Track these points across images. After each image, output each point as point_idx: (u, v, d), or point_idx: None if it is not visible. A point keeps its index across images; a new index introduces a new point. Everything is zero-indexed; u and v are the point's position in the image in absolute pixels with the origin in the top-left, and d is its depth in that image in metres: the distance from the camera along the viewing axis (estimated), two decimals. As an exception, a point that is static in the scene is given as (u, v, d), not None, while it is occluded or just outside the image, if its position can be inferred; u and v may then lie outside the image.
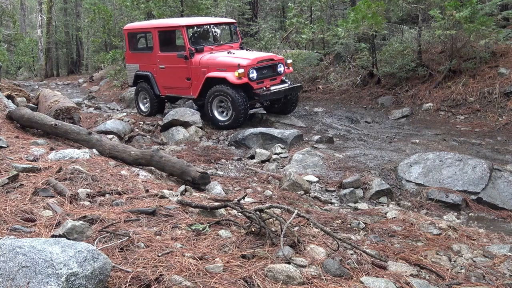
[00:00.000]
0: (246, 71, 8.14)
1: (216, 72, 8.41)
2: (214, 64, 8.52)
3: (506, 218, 4.93)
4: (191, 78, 8.85)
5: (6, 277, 2.02)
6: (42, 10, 26.21)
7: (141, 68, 9.74)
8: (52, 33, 26.22)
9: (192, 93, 8.99)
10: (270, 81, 8.68)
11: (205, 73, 8.56)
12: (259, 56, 8.71)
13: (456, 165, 5.68)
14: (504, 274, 3.11)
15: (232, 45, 9.54)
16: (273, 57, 8.91)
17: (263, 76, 8.53)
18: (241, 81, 8.09)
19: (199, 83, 8.71)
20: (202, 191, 4.82)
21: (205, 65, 8.62)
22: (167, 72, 9.24)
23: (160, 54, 9.29)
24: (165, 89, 9.43)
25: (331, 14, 15.39)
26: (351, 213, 4.72)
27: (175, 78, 9.11)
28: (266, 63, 8.64)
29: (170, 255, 2.63)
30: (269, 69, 8.74)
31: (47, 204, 3.35)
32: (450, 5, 9.34)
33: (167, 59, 9.20)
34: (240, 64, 8.14)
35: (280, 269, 2.49)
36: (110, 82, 15.64)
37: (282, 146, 7.03)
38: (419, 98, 10.07)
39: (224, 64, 8.43)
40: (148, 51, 9.76)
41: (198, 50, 8.80)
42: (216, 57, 8.69)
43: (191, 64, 8.78)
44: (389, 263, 2.97)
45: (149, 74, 9.57)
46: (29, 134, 6.14)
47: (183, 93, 9.28)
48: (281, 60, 8.96)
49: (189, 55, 8.72)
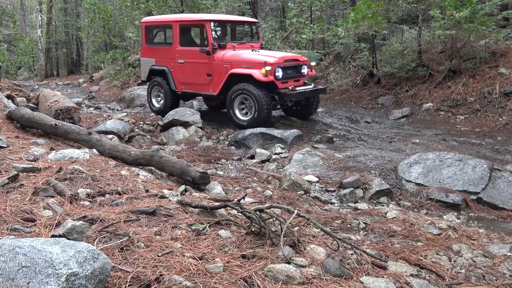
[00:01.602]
0: (273, 69, 7.95)
1: (241, 69, 8.20)
2: (238, 61, 8.32)
3: (506, 218, 4.93)
4: (212, 74, 8.64)
5: (6, 277, 2.02)
6: (42, 10, 26.21)
7: (157, 62, 9.52)
8: (52, 33, 26.23)
9: (212, 90, 8.75)
10: (293, 82, 8.46)
11: (228, 69, 8.35)
12: (286, 56, 8.59)
13: (456, 165, 5.68)
14: (504, 274, 3.11)
15: (253, 45, 9.33)
16: (298, 58, 8.74)
17: (287, 76, 8.33)
18: (267, 78, 7.88)
19: (220, 80, 8.50)
20: (202, 191, 4.82)
21: (228, 62, 8.41)
22: (186, 67, 9.03)
23: (180, 48, 9.09)
24: (182, 85, 9.21)
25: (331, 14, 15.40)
26: (351, 213, 4.72)
27: (194, 73, 8.91)
28: (291, 63, 8.46)
29: (170, 255, 2.63)
30: (294, 69, 8.55)
31: (47, 204, 3.35)
32: (450, 5, 9.35)
33: (187, 54, 9.00)
34: (267, 61, 7.92)
35: (280, 269, 2.49)
36: (110, 82, 15.64)
37: (282, 146, 7.03)
38: (419, 98, 10.08)
39: (249, 61, 8.23)
40: (166, 45, 9.54)
41: (221, 46, 8.60)
42: (241, 53, 8.50)
43: (213, 60, 8.57)
44: (389, 263, 2.98)
45: (166, 69, 9.35)
46: (29, 134, 6.14)
47: (202, 90, 9.02)
48: (305, 62, 8.78)
49: (212, 51, 8.53)
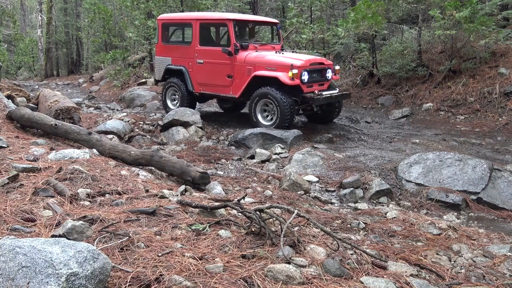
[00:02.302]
0: (299, 72, 7.67)
1: (265, 71, 7.93)
2: (262, 63, 8.05)
3: (506, 218, 4.93)
4: (233, 75, 8.38)
5: (6, 277, 2.02)
6: (42, 10, 26.21)
7: (174, 62, 9.20)
8: (52, 33, 26.23)
9: (233, 92, 8.46)
10: (318, 86, 8.15)
11: (251, 71, 8.09)
12: (311, 58, 8.29)
13: (456, 165, 5.68)
14: (504, 274, 3.12)
15: (274, 46, 9.06)
16: (323, 61, 8.47)
17: (312, 80, 8.03)
18: (293, 82, 7.60)
19: (242, 82, 8.25)
20: (202, 191, 4.82)
21: (251, 63, 8.14)
22: (205, 67, 8.72)
23: (200, 48, 8.79)
24: (200, 86, 8.91)
25: (331, 14, 15.41)
26: (351, 213, 4.72)
27: (214, 74, 8.62)
28: (316, 67, 8.16)
29: (170, 255, 2.63)
30: (319, 73, 8.26)
31: (47, 204, 3.35)
32: (450, 5, 9.35)
33: (207, 54, 8.69)
34: (293, 64, 7.63)
35: (280, 269, 2.49)
36: (110, 82, 15.64)
37: (282, 146, 7.03)
38: (419, 98, 10.08)
39: (274, 63, 7.95)
40: (184, 44, 9.26)
41: (244, 46, 8.31)
42: (265, 55, 8.22)
43: (235, 60, 8.30)
44: (389, 263, 2.98)
45: (183, 69, 9.04)
46: (29, 134, 6.14)
47: (222, 92, 8.69)
48: (330, 66, 8.45)
49: (234, 51, 8.26)
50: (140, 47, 16.68)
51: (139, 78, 14.69)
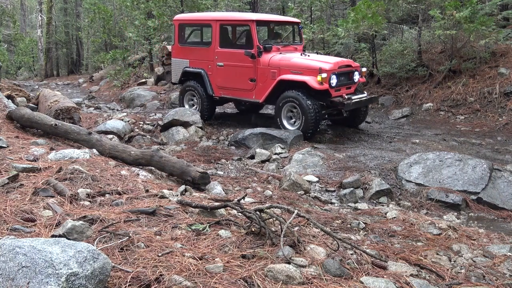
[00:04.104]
0: (328, 76, 7.35)
1: (292, 75, 7.57)
2: (287, 66, 7.68)
3: (506, 218, 4.93)
4: (257, 79, 7.99)
5: (6, 277, 2.02)
6: (42, 10, 26.20)
7: (192, 64, 8.84)
8: (52, 33, 26.24)
9: (256, 97, 8.10)
10: (345, 90, 7.83)
11: (276, 75, 7.74)
12: (339, 61, 7.92)
13: (456, 165, 5.68)
14: (504, 274, 3.12)
15: (297, 47, 8.70)
16: (351, 63, 8.10)
17: (340, 84, 7.70)
18: (322, 87, 7.28)
19: (266, 86, 7.88)
20: (202, 191, 4.82)
21: (275, 66, 7.78)
22: (226, 70, 8.36)
23: (220, 50, 8.41)
24: (220, 90, 8.53)
25: (331, 14, 15.41)
26: (351, 213, 4.72)
27: (235, 78, 8.25)
28: (344, 69, 7.83)
29: (170, 255, 2.63)
30: (346, 76, 7.92)
31: (47, 204, 3.35)
32: (450, 5, 9.35)
33: (228, 57, 8.32)
34: (322, 68, 7.29)
35: (280, 269, 2.49)
36: (110, 82, 15.64)
37: (282, 146, 7.03)
38: (419, 98, 10.08)
39: (301, 66, 7.59)
40: (203, 45, 8.89)
41: (267, 48, 7.96)
42: (290, 58, 7.86)
43: (258, 63, 7.93)
44: (389, 263, 2.98)
45: (202, 72, 8.65)
46: (29, 134, 6.14)
47: (244, 96, 8.33)
48: (357, 68, 8.13)
49: (257, 54, 7.89)
50: (140, 47, 16.68)
51: (139, 78, 14.70)
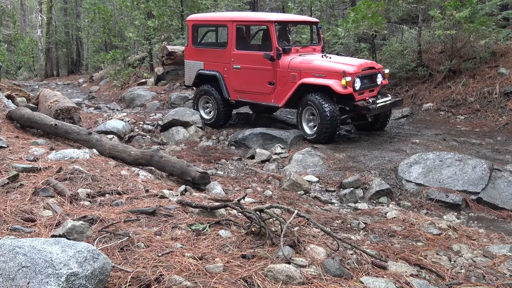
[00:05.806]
0: (352, 79, 7.04)
1: (314, 79, 7.21)
2: (309, 69, 7.32)
3: (506, 218, 4.94)
4: (276, 82, 7.64)
5: (6, 277, 2.02)
6: (42, 10, 26.19)
7: (207, 66, 8.43)
8: (52, 33, 26.23)
9: (275, 101, 7.74)
10: (368, 93, 7.53)
11: (296, 78, 7.37)
12: (363, 63, 7.59)
13: (456, 165, 5.68)
14: (504, 274, 3.12)
15: (315, 48, 8.37)
16: (374, 65, 7.77)
17: (364, 87, 7.39)
18: (346, 91, 6.96)
19: (286, 89, 7.52)
20: (202, 191, 4.82)
21: (296, 69, 7.42)
22: (243, 73, 7.98)
23: (236, 52, 8.02)
24: (237, 93, 8.14)
25: (331, 14, 15.40)
26: (351, 213, 4.72)
27: (253, 81, 7.88)
28: (368, 72, 7.51)
29: (170, 255, 2.63)
30: (369, 78, 7.60)
31: (47, 204, 3.35)
32: (450, 5, 9.34)
33: (245, 59, 7.96)
34: (345, 71, 6.98)
35: (280, 269, 2.49)
36: (110, 82, 15.64)
37: (282, 146, 7.03)
38: (419, 98, 10.07)
39: (324, 69, 7.25)
40: (218, 47, 8.55)
41: (286, 50, 7.61)
42: (311, 60, 7.49)
43: (277, 66, 7.57)
44: (389, 263, 2.98)
45: (218, 74, 8.26)
46: (29, 134, 6.14)
47: (262, 99, 7.96)
48: (380, 70, 7.79)
49: (276, 56, 7.54)
50: (140, 47, 16.68)
51: (139, 78, 14.69)
